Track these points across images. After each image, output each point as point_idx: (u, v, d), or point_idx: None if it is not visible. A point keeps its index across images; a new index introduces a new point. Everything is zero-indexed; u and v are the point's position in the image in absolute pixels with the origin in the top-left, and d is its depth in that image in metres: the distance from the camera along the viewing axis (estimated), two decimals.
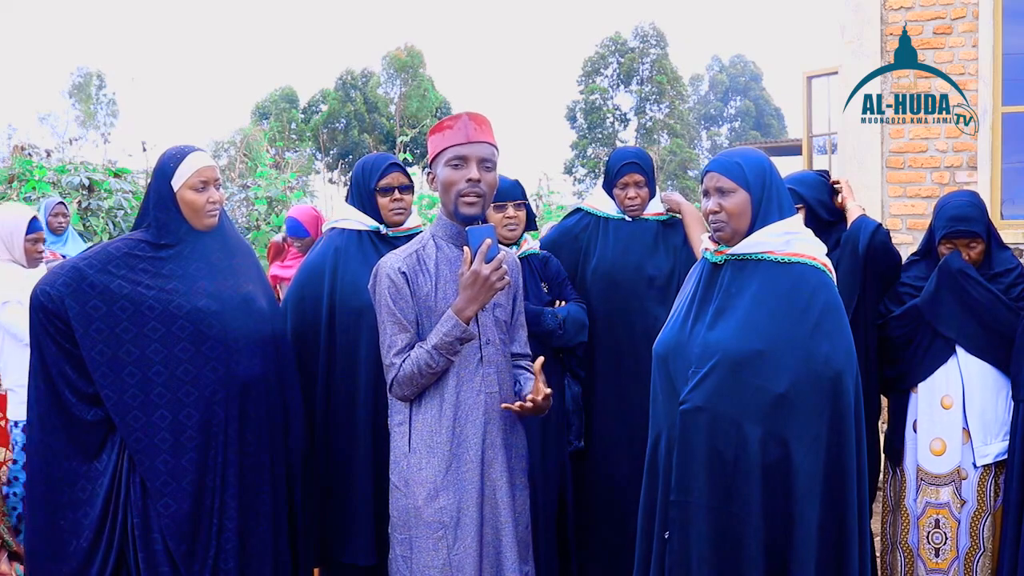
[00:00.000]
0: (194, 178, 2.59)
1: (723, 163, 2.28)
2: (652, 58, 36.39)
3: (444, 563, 2.29)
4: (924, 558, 3.07)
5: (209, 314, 2.56)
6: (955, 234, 3.00)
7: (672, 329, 2.34)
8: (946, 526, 3.04)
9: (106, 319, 2.49)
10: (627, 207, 3.40)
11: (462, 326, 2.29)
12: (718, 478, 2.17)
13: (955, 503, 3.02)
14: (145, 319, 2.51)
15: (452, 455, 2.33)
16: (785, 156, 14.81)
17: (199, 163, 2.61)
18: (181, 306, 2.54)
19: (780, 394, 2.13)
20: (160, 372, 2.51)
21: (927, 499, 3.07)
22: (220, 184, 2.67)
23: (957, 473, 3.01)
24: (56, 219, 5.72)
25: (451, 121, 2.38)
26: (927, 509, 3.07)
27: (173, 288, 2.56)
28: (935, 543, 3.05)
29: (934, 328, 3.02)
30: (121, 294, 2.51)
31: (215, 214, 2.65)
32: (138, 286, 2.53)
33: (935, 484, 3.05)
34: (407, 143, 11.12)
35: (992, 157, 5.22)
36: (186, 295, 2.56)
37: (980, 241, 3.00)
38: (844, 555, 2.17)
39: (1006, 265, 3.03)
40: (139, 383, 2.49)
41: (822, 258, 2.28)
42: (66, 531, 2.50)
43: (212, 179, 2.62)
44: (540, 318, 3.09)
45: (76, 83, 36.58)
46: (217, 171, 2.67)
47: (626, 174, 3.38)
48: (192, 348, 2.53)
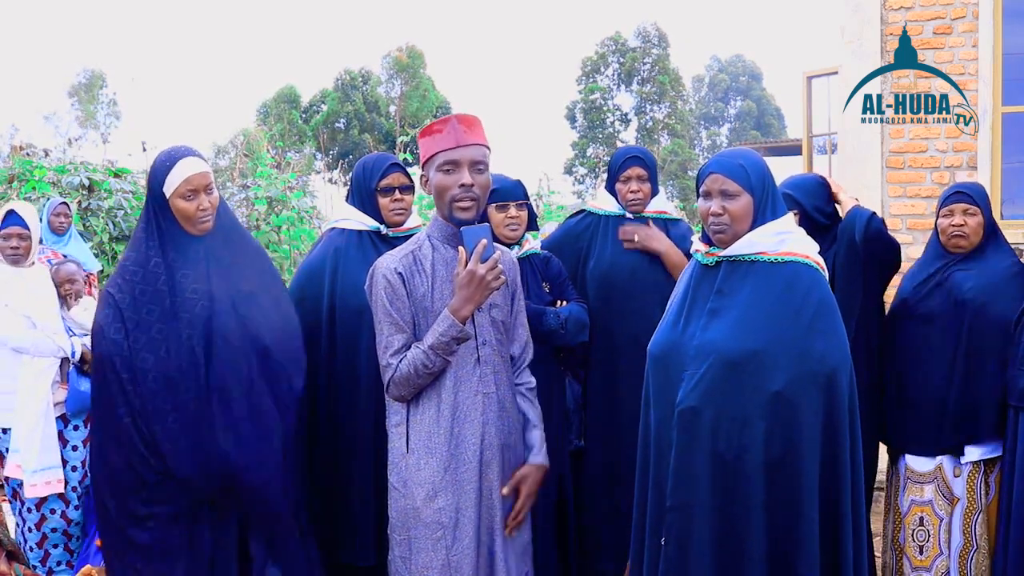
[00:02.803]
0: (183, 187, 2.55)
1: (727, 165, 2.26)
2: (653, 58, 36.38)
3: (443, 563, 2.29)
4: (909, 555, 3.09)
5: (204, 315, 2.55)
6: (955, 197, 3.06)
7: (665, 330, 2.34)
8: (929, 524, 3.05)
9: (149, 345, 2.52)
10: (629, 202, 3.39)
11: (458, 326, 2.29)
12: (719, 479, 2.16)
13: (938, 501, 3.03)
14: (177, 335, 2.53)
15: (450, 456, 2.33)
16: (785, 156, 14.79)
17: (188, 171, 2.56)
18: (177, 309, 2.54)
19: (776, 392, 2.12)
20: (157, 378, 2.50)
21: (912, 497, 3.09)
22: (212, 189, 2.62)
23: (939, 471, 3.02)
24: (57, 219, 5.73)
25: (440, 125, 2.37)
26: (912, 507, 3.09)
27: (172, 290, 2.55)
28: (919, 541, 3.07)
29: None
30: (152, 318, 2.53)
31: (207, 220, 2.60)
32: (164, 303, 2.55)
33: (919, 482, 3.07)
34: (407, 143, 11.11)
35: (992, 157, 5.22)
36: (184, 297, 2.55)
37: (979, 212, 3.03)
38: (839, 553, 2.18)
39: (1002, 256, 3.04)
40: (194, 399, 2.52)
41: (815, 256, 2.28)
42: None
43: (202, 186, 2.57)
44: (542, 318, 3.09)
45: (81, 83, 36.59)
46: (209, 176, 2.61)
47: (629, 167, 3.38)
48: (186, 350, 2.52)
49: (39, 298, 3.66)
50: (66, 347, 3.57)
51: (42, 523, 3.58)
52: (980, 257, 3.04)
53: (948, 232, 3.07)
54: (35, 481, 3.49)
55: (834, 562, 2.18)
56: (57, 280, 3.78)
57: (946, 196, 3.11)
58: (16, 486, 3.59)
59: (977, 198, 3.05)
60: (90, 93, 36.46)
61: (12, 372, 3.59)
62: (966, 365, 2.93)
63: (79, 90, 36.58)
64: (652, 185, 3.41)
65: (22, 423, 3.53)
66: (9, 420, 3.60)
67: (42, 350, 3.55)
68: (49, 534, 3.59)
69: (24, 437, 3.51)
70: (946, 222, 3.08)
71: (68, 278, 3.81)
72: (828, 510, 2.17)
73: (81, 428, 3.62)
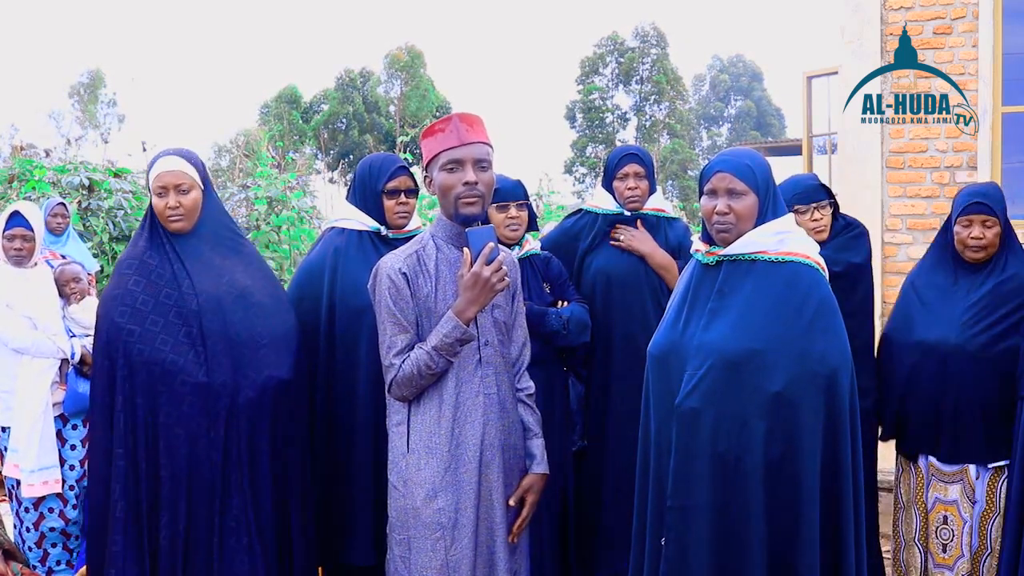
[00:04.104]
0: (155, 183, 2.62)
1: (735, 164, 2.25)
2: (652, 58, 36.39)
3: (442, 564, 2.29)
4: (933, 552, 3.07)
5: (187, 313, 2.57)
6: (973, 208, 2.93)
7: (665, 330, 2.34)
8: (953, 523, 3.02)
9: (144, 336, 2.55)
10: (627, 199, 3.38)
11: (462, 327, 2.29)
12: (719, 480, 2.16)
13: (963, 503, 3.00)
14: (172, 327, 2.57)
15: (451, 456, 2.32)
16: (785, 156, 14.78)
17: (160, 168, 2.62)
18: (160, 306, 2.57)
19: (776, 393, 2.12)
20: (183, 383, 2.55)
21: (937, 495, 3.05)
22: (187, 189, 2.63)
23: (965, 472, 3.00)
24: (55, 219, 5.72)
25: (442, 124, 2.37)
26: (936, 504, 3.05)
27: (156, 288, 2.59)
28: (943, 539, 3.04)
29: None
30: (146, 309, 2.58)
31: (177, 220, 2.63)
32: (158, 295, 2.59)
33: (945, 481, 3.03)
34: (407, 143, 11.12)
35: (992, 157, 5.22)
36: (167, 295, 2.59)
37: (996, 223, 2.93)
38: (840, 554, 2.17)
39: (1010, 268, 2.96)
40: (169, 399, 2.55)
41: (815, 256, 2.27)
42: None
43: (172, 185, 2.60)
44: (544, 318, 3.09)
45: (81, 83, 36.59)
46: (181, 176, 2.62)
47: (626, 164, 3.37)
48: (166, 347, 2.55)
49: (41, 299, 3.67)
50: (66, 348, 3.58)
51: (40, 522, 3.58)
52: (1000, 269, 2.96)
53: (967, 243, 2.97)
54: (33, 481, 3.50)
55: (835, 563, 2.17)
56: (61, 280, 3.80)
57: (964, 205, 2.96)
58: (12, 486, 3.59)
59: (995, 206, 2.94)
60: (91, 93, 36.46)
61: (12, 372, 3.59)
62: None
63: (79, 89, 36.58)
64: (649, 182, 3.41)
65: (21, 423, 3.53)
66: (9, 419, 3.60)
67: (42, 351, 3.56)
68: (47, 533, 3.59)
69: (23, 437, 3.52)
70: (965, 233, 2.96)
71: (73, 277, 3.84)
72: (829, 511, 2.16)
73: (80, 427, 3.62)
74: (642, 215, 3.41)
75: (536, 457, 2.49)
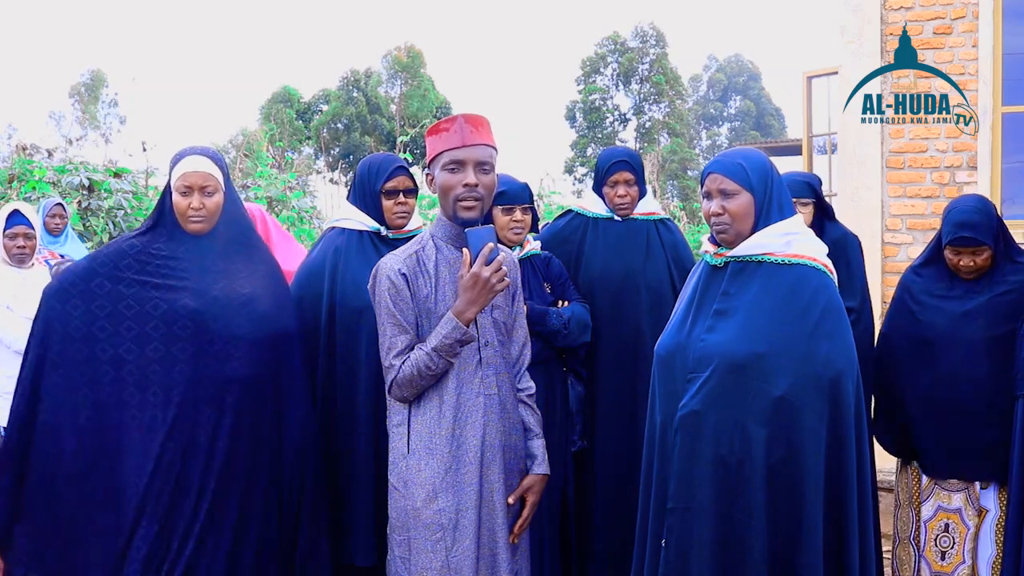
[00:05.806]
0: (179, 182, 2.55)
1: (725, 164, 2.25)
2: (651, 58, 36.39)
3: (442, 565, 2.28)
4: (929, 559, 3.06)
5: (186, 315, 2.54)
6: (960, 241, 2.90)
7: (672, 332, 2.33)
8: (955, 531, 3.01)
9: (84, 316, 2.51)
10: (617, 206, 3.39)
11: (462, 328, 2.29)
12: (720, 483, 2.15)
13: (967, 511, 2.99)
14: (121, 317, 2.52)
15: (451, 457, 2.32)
16: (785, 156, 14.80)
17: (187, 167, 2.55)
18: (158, 306, 2.53)
19: (779, 397, 2.11)
20: (132, 372, 2.50)
21: (940, 503, 3.04)
22: (213, 191, 2.57)
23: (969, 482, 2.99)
24: (53, 220, 5.71)
25: (447, 124, 2.36)
26: (938, 512, 3.05)
27: (155, 287, 2.55)
28: (942, 546, 3.03)
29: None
30: (101, 292, 2.52)
31: (198, 221, 2.57)
32: (119, 284, 2.54)
33: (948, 489, 3.03)
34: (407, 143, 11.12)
35: (992, 157, 5.22)
36: (167, 295, 2.55)
37: (986, 248, 2.90)
38: (844, 560, 2.16)
39: (1009, 277, 2.92)
40: (112, 381, 2.51)
41: (822, 259, 2.26)
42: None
43: (197, 185, 2.54)
44: (545, 318, 3.09)
45: (82, 83, 36.58)
46: (209, 177, 2.56)
47: (615, 172, 3.38)
48: (163, 348, 2.52)
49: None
50: None
51: None
52: (999, 280, 2.93)
53: (959, 268, 2.95)
54: None
55: (839, 569, 2.16)
56: None
57: (951, 237, 2.91)
58: None
59: (983, 236, 2.88)
60: (92, 94, 36.46)
61: (12, 372, 3.58)
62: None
63: (80, 90, 36.59)
64: (639, 187, 3.42)
65: None
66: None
67: None
68: None
69: None
70: (955, 259, 2.94)
71: None
72: (833, 516, 2.15)
73: None
74: (633, 220, 3.44)
75: (537, 457, 2.49)
